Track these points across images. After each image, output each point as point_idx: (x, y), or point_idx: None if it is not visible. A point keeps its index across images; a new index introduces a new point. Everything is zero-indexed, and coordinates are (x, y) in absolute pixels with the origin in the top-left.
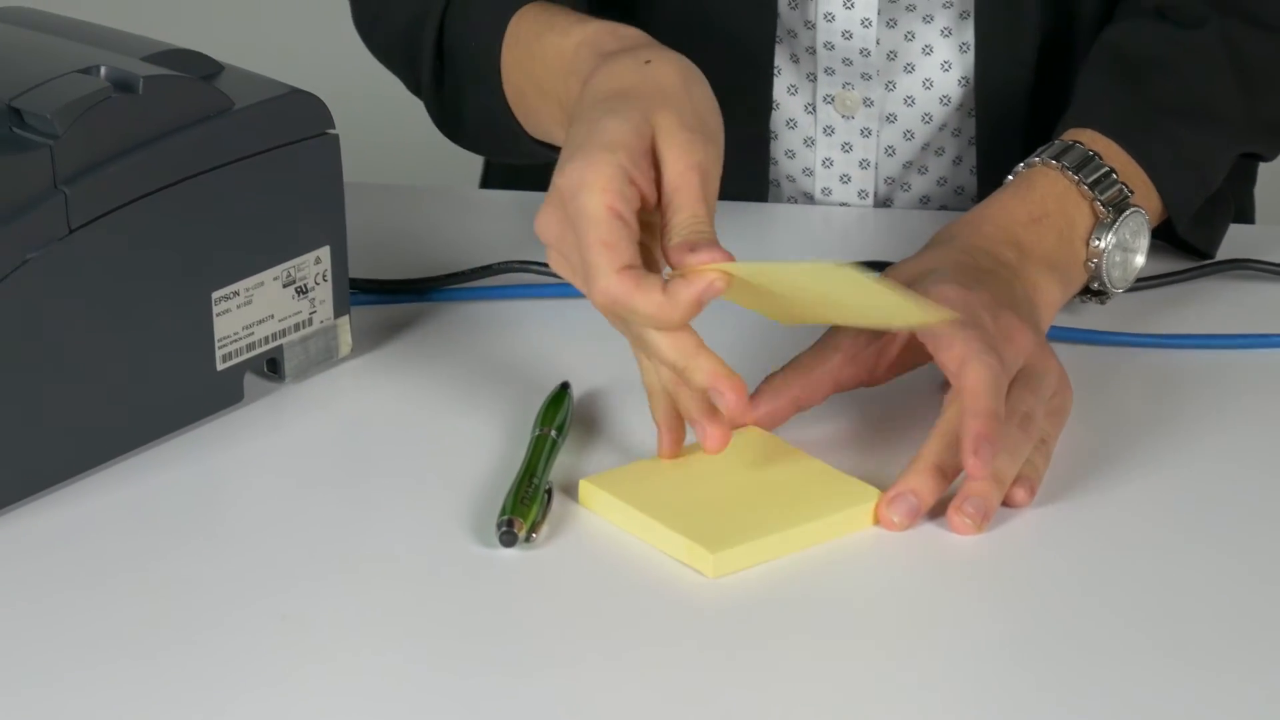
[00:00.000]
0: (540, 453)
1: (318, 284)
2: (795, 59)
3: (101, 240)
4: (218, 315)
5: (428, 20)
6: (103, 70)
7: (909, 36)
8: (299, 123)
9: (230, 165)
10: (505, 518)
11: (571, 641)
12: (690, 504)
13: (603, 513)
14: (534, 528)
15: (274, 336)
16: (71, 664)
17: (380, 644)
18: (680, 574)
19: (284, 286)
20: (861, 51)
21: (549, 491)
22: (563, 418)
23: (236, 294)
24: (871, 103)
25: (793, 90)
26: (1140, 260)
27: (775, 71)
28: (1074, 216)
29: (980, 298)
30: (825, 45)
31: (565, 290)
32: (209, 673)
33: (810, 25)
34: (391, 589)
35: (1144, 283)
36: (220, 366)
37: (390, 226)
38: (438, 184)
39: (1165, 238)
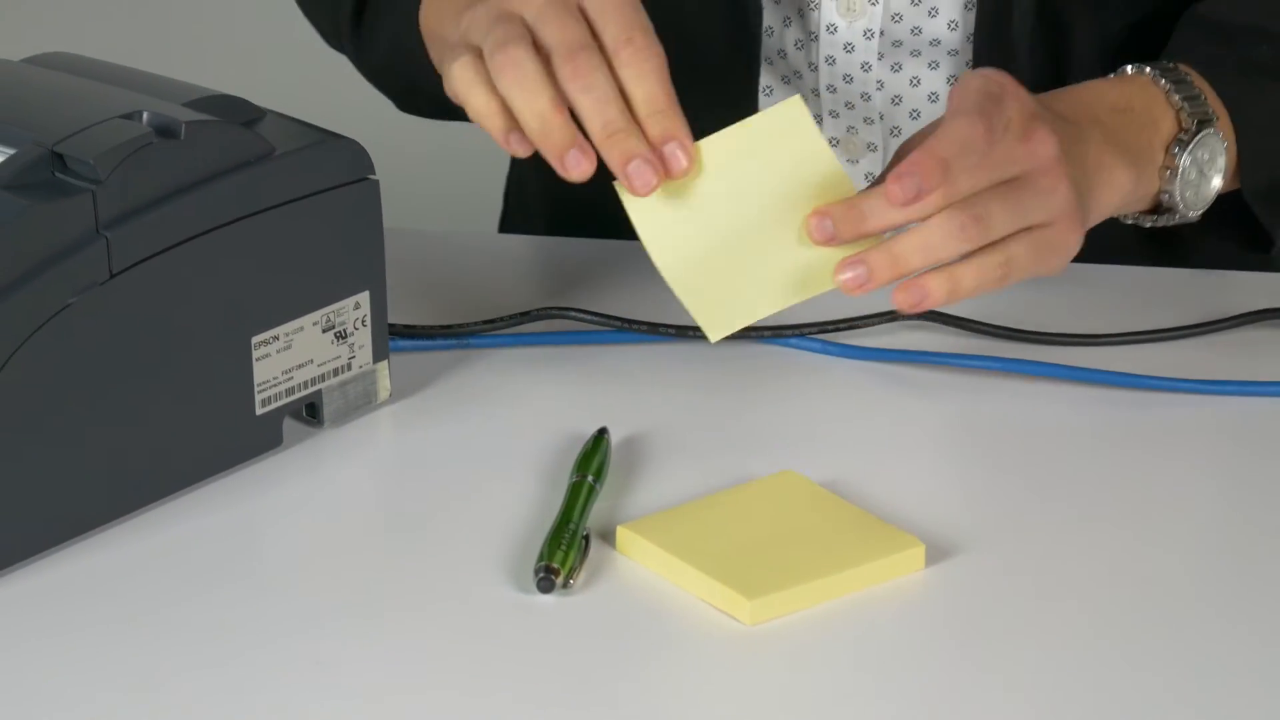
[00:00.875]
0: (578, 499)
1: (357, 329)
2: (806, 98)
3: (142, 285)
4: (257, 360)
5: None
6: (145, 115)
7: (914, 82)
8: (339, 168)
9: (271, 210)
10: (543, 564)
11: (609, 687)
12: (728, 550)
13: (640, 559)
14: (571, 574)
15: (313, 381)
16: (108, 708)
17: (417, 689)
18: (718, 621)
19: (323, 331)
20: (863, 96)
21: (586, 537)
22: (600, 464)
23: (276, 339)
24: (876, 147)
25: None
26: (1217, 183)
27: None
28: (1159, 119)
29: (1023, 99)
30: (828, 89)
31: (604, 336)
32: (243, 718)
33: (813, 67)
34: (428, 634)
35: (1179, 331)
36: (259, 411)
37: (427, 271)
38: (464, 229)
39: (1233, 226)
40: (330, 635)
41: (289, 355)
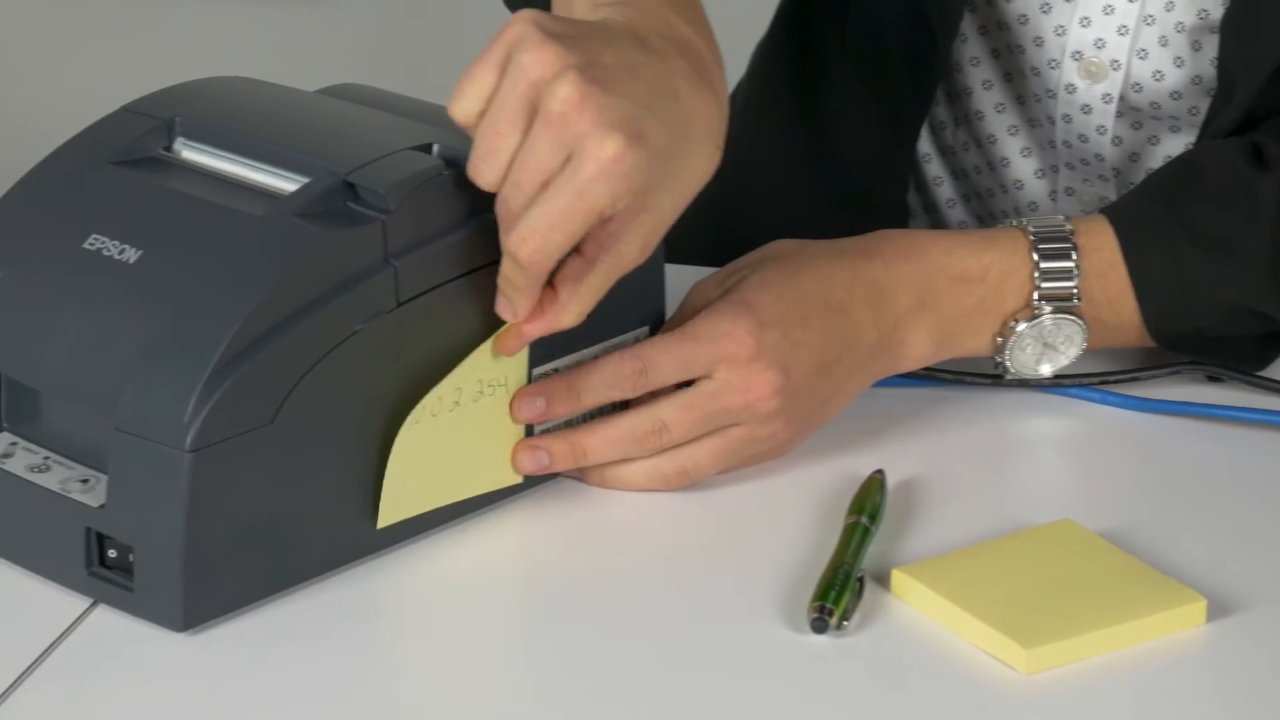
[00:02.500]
0: (852, 540)
1: None
2: (1041, 147)
3: (427, 314)
4: None
5: None
6: (436, 147)
7: (1153, 140)
8: None
9: None
10: (817, 604)
11: None
12: (1005, 597)
13: (915, 603)
14: (846, 615)
15: (593, 414)
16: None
17: None
18: (993, 669)
19: None
20: (1096, 156)
21: (861, 579)
22: (876, 506)
23: (556, 371)
24: (1109, 201)
25: (1039, 174)
26: (1064, 361)
27: (1024, 153)
28: (1007, 295)
29: (752, 334)
30: (1064, 144)
31: (881, 380)
32: None
33: (1051, 121)
34: (700, 668)
35: None
36: None
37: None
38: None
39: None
40: (605, 665)
41: None
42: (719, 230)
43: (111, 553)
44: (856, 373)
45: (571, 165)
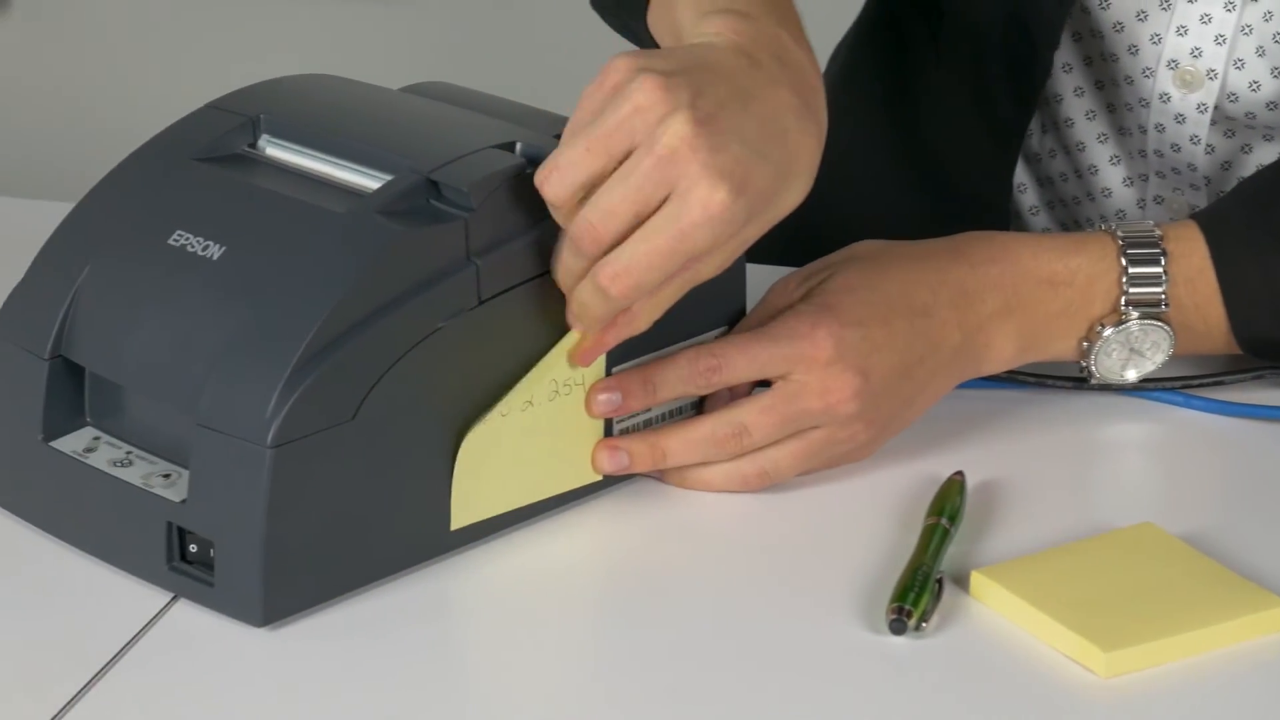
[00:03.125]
0: (932, 541)
1: None
2: (1130, 155)
3: (508, 312)
4: None
5: None
6: (518, 146)
7: (1245, 149)
8: None
9: None
10: (896, 605)
11: None
12: (1085, 600)
13: (995, 605)
14: (925, 617)
15: (669, 415)
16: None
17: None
18: (1072, 672)
19: None
20: (1189, 166)
21: (940, 581)
22: (955, 507)
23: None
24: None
25: (1128, 183)
26: (1150, 367)
27: (1113, 160)
28: (1094, 299)
29: (834, 334)
30: (1155, 153)
31: (964, 383)
32: None
33: (1143, 130)
34: (777, 667)
35: None
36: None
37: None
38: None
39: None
40: (681, 665)
41: None
42: (802, 230)
43: (192, 547)
44: (939, 375)
45: (675, 206)
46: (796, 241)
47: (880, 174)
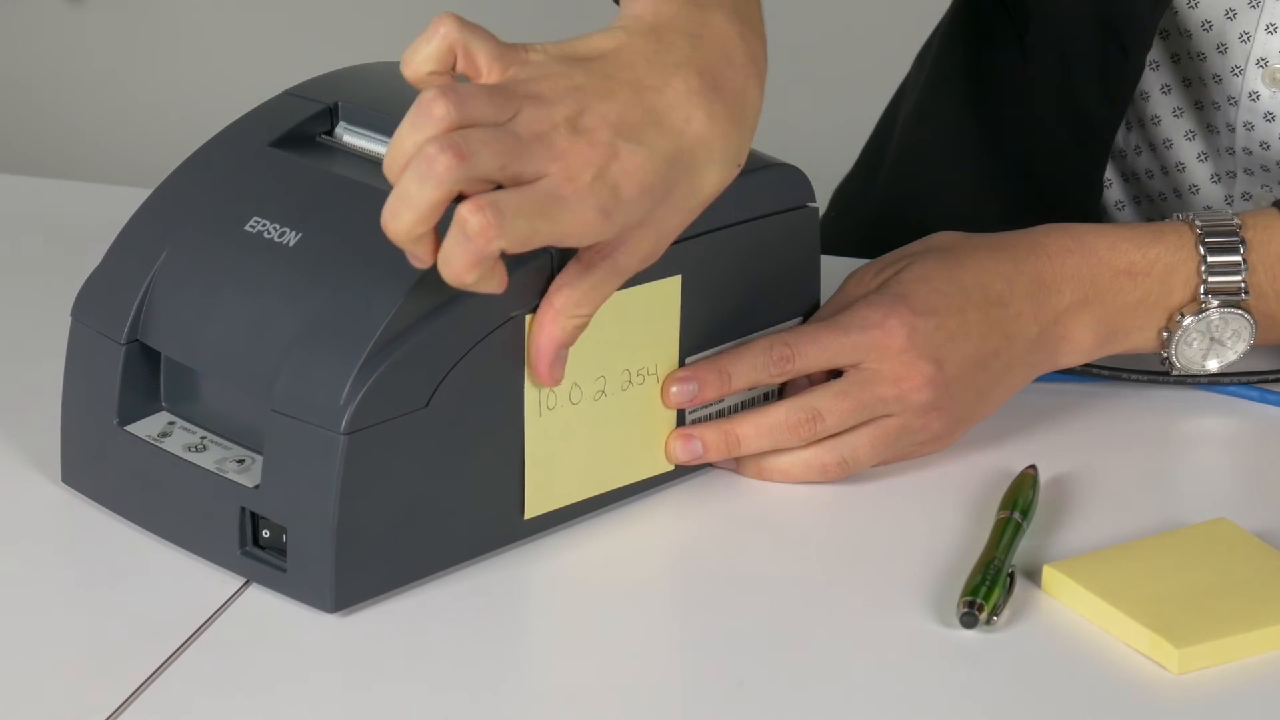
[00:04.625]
0: (1004, 535)
1: None
2: (1218, 153)
3: None
4: None
5: None
6: None
7: None
8: (781, 194)
9: (710, 234)
10: (967, 598)
11: None
12: (1157, 596)
13: (1066, 600)
14: (996, 610)
15: (743, 405)
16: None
17: (832, 714)
18: (1144, 668)
19: None
20: (1278, 164)
21: (1011, 575)
22: (1028, 501)
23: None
24: None
25: (1215, 179)
26: (1231, 356)
27: (1200, 158)
28: (1174, 289)
29: (907, 325)
30: (1244, 150)
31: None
32: None
33: (1230, 128)
34: (848, 659)
35: None
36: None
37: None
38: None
39: None
40: (752, 655)
41: None
42: (882, 224)
43: (265, 533)
44: (1015, 367)
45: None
46: (877, 235)
47: (966, 171)
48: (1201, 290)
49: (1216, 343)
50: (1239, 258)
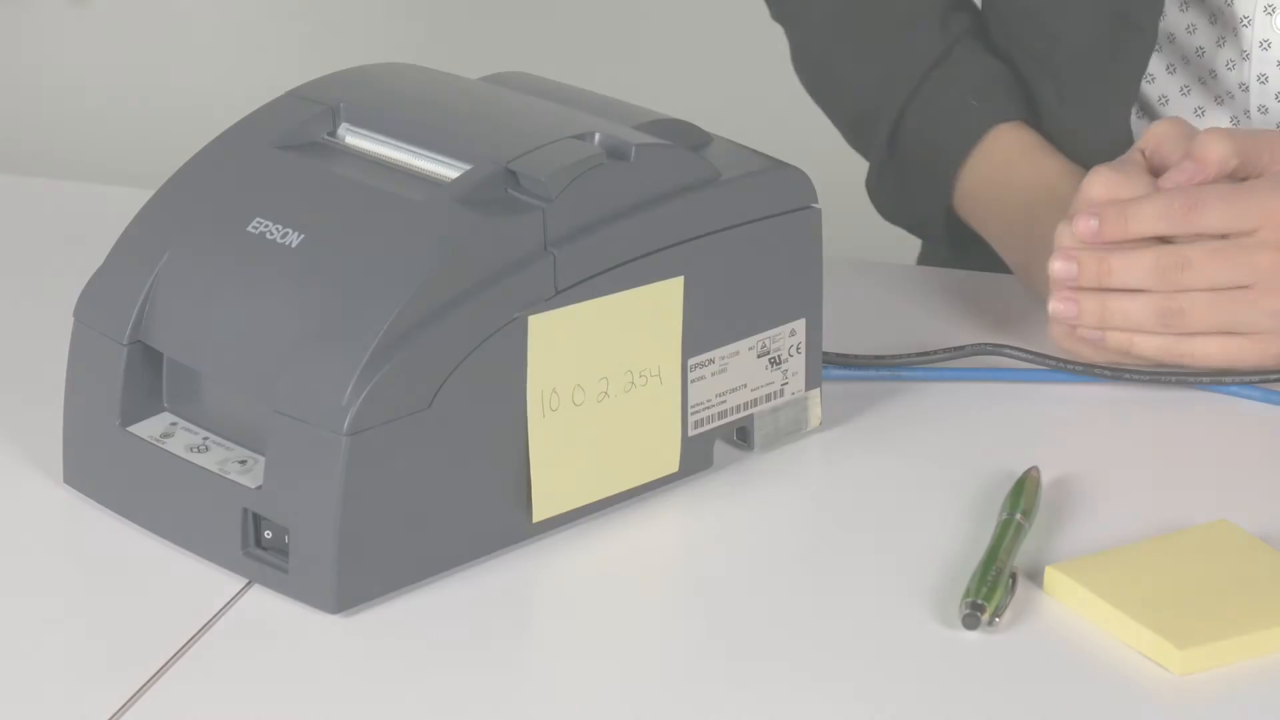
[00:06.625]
0: (1006, 536)
1: (791, 356)
2: (1235, 121)
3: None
4: (692, 382)
5: (881, 119)
6: (597, 137)
7: None
8: (784, 195)
9: (713, 235)
10: (969, 599)
11: None
12: (1159, 597)
13: (1068, 601)
14: (998, 612)
15: (745, 406)
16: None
17: (831, 714)
18: (1146, 669)
19: (758, 357)
20: None
21: (1014, 576)
22: (1030, 502)
23: (712, 361)
24: None
25: None
26: None
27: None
28: None
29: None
30: (1260, 109)
31: (1037, 375)
32: None
33: (1244, 88)
34: (848, 661)
35: None
36: (692, 432)
37: (853, 301)
38: (883, 261)
39: None
40: (753, 655)
41: (723, 379)
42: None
43: (267, 534)
44: None
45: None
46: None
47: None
48: None
49: None
50: None
